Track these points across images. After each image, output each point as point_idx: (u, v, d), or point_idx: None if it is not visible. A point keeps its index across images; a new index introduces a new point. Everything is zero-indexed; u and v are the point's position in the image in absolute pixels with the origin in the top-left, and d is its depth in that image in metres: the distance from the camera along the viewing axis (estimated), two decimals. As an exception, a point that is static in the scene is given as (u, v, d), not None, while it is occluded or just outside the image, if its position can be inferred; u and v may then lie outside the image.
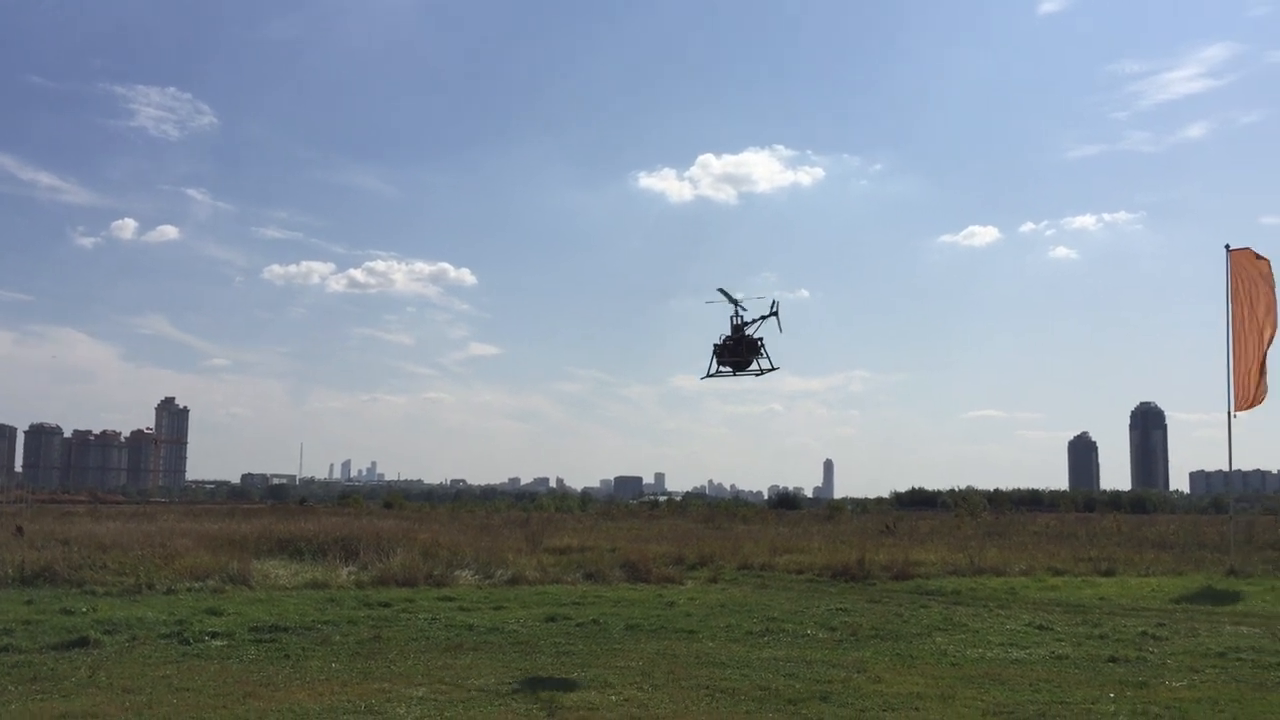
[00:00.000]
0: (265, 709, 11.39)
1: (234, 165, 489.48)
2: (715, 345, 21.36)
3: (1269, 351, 32.75)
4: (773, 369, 21.09)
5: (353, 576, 25.39)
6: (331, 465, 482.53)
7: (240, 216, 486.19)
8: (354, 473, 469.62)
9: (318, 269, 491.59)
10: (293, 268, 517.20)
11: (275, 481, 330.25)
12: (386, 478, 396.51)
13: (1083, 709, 11.76)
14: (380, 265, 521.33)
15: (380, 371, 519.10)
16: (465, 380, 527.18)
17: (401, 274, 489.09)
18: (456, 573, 26.30)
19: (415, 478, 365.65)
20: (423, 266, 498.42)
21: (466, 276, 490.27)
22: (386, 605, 20.90)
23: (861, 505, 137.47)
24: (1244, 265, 33.32)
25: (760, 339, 21.03)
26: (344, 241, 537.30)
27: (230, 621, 18.00)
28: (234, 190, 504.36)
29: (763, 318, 21.06)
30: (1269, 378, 32.75)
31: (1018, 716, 11.32)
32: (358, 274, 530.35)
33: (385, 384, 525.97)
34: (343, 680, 13.16)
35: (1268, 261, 33.36)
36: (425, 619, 19.14)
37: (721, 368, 21.28)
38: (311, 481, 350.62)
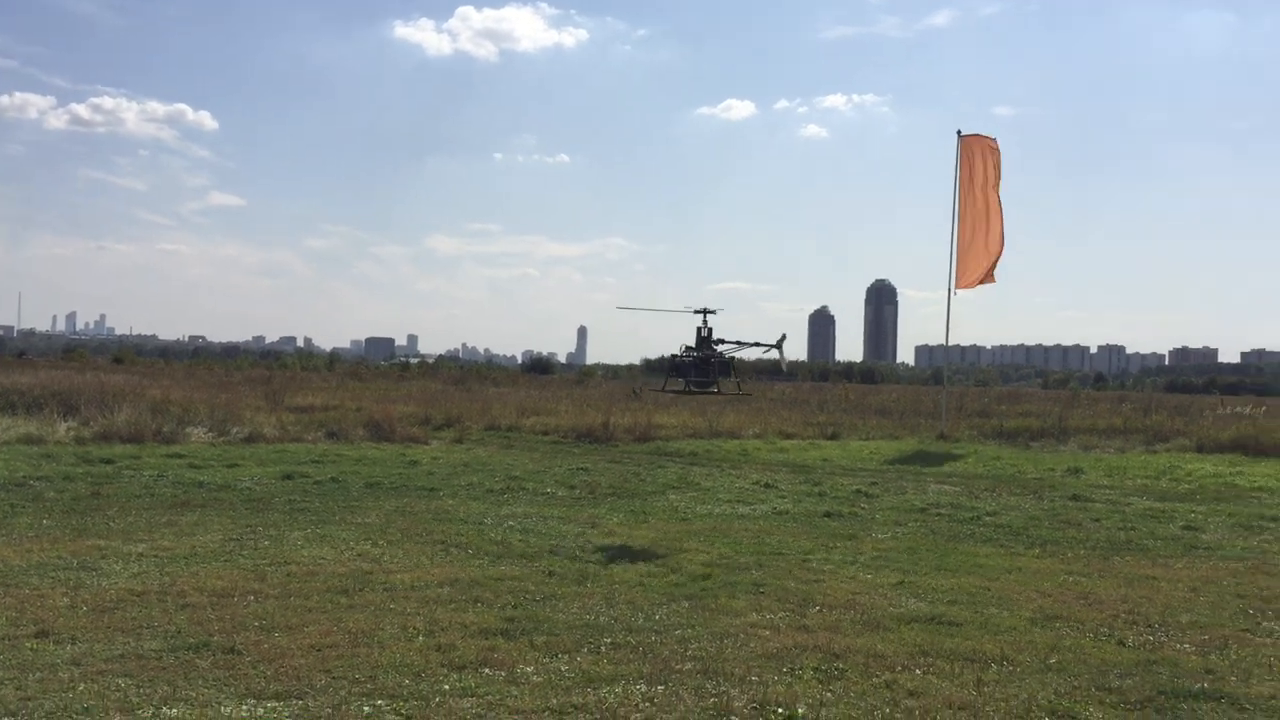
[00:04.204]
0: (-37, 568, 10.65)
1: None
2: (673, 357, 17.96)
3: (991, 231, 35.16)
4: (741, 394, 18.63)
5: (72, 432, 24.02)
6: (55, 317, 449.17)
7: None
8: (80, 326, 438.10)
9: (35, 102, 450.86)
10: (4, 99, 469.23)
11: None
12: (118, 332, 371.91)
13: (797, 559, 12.58)
14: (108, 103, 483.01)
15: (109, 218, 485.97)
16: (205, 232, 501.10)
17: (133, 113, 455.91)
18: (188, 430, 25.32)
19: (150, 333, 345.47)
20: (157, 106, 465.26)
21: (207, 120, 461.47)
22: (109, 462, 19.90)
23: (613, 371, 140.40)
24: (974, 150, 35.41)
25: (732, 359, 17.77)
26: (66, 74, 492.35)
27: (-73, 478, 16.71)
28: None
29: (756, 344, 17.54)
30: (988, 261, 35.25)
31: (735, 564, 12.00)
32: (82, 110, 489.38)
33: (115, 232, 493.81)
34: (54, 537, 12.47)
35: (994, 140, 35.57)
36: (151, 476, 18.36)
37: (686, 384, 17.85)
38: (32, 334, 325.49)
